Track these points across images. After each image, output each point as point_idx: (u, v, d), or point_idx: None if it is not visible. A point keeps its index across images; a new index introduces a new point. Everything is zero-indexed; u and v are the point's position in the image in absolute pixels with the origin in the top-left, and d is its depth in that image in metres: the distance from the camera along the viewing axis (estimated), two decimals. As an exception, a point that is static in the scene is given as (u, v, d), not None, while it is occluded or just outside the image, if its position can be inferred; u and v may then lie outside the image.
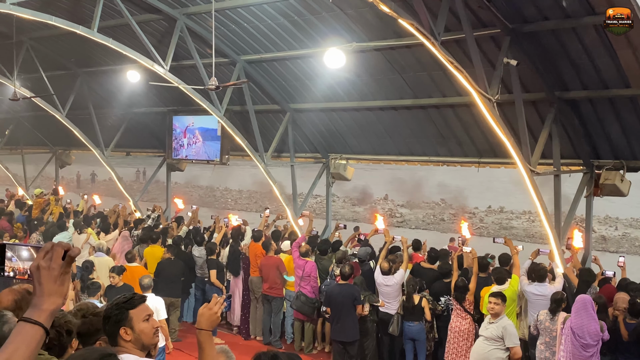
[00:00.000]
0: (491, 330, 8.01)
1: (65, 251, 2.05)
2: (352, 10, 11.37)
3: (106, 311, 3.80)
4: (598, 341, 7.82)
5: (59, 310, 4.70)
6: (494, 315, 8.08)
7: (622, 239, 30.15)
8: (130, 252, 11.59)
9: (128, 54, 13.35)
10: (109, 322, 3.73)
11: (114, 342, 3.71)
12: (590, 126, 10.74)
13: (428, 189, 40.58)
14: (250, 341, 12.12)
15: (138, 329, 3.73)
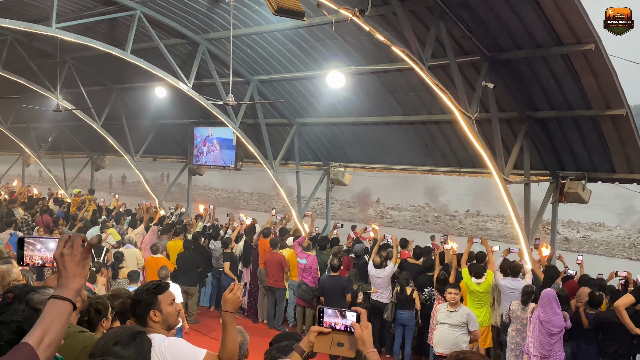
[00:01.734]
0: (455, 317, 7.96)
1: (83, 240, 2.18)
2: (352, 38, 11.40)
3: (137, 296, 3.79)
4: (561, 329, 7.82)
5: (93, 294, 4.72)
6: (454, 304, 8.05)
7: (582, 240, 30.09)
8: (155, 245, 11.60)
9: (156, 72, 13.41)
10: (139, 305, 3.74)
11: (143, 324, 3.72)
12: (556, 142, 10.73)
13: (415, 194, 40.53)
14: (258, 324, 12.11)
15: (165, 311, 3.76)
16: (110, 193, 21.46)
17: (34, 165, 27.12)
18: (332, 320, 2.74)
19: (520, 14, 8.79)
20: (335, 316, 2.74)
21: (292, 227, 14.50)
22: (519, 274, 9.27)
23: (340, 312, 2.75)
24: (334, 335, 2.73)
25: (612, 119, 9.63)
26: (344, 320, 2.72)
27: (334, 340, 2.73)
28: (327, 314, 2.75)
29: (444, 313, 8.12)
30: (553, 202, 11.14)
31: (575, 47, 8.75)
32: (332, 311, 2.76)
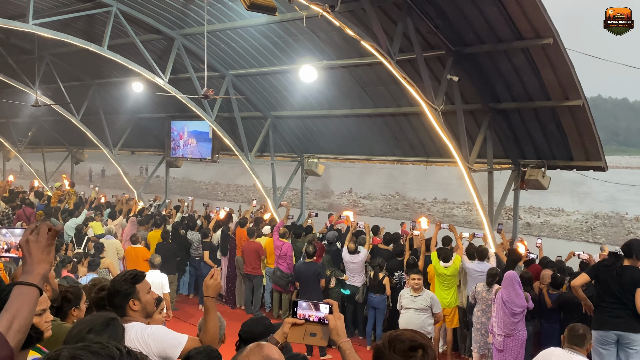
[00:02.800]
0: (420, 302, 7.98)
1: (49, 228, 2.16)
2: (323, 34, 11.35)
3: (115, 286, 3.71)
4: (523, 309, 7.91)
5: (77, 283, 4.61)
6: (417, 289, 8.03)
7: (543, 225, 30.56)
8: (135, 236, 11.45)
9: (133, 67, 13.20)
10: (118, 295, 3.67)
11: (122, 313, 3.65)
12: (517, 132, 10.85)
13: (385, 183, 40.76)
14: (236, 310, 12.06)
15: (144, 300, 3.72)
16: (90, 186, 21.11)
17: (15, 160, 26.56)
18: (306, 312, 2.76)
19: (483, 10, 8.85)
20: (310, 309, 2.76)
21: (269, 216, 14.45)
22: (485, 258, 9.36)
23: (314, 304, 2.78)
24: (307, 326, 2.75)
25: (570, 109, 9.77)
26: (318, 312, 2.75)
27: (307, 331, 2.75)
28: (301, 307, 2.77)
29: (408, 298, 8.09)
30: (515, 189, 11.28)
31: (535, 42, 8.85)
32: (307, 304, 2.78)
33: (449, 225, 10.64)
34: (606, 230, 29.09)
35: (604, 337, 6.11)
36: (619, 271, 6.32)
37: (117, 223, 14.05)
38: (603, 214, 32.59)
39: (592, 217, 32.09)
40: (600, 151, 10.24)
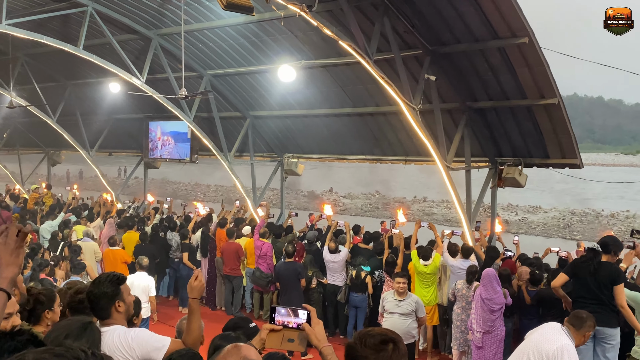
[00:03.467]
0: (405, 306, 7.75)
1: (18, 230, 2.11)
2: (301, 33, 11.34)
3: (99, 289, 3.64)
4: (501, 306, 7.99)
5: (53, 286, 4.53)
6: (402, 293, 7.76)
7: (520, 222, 30.94)
8: (113, 238, 11.34)
9: (109, 68, 13.06)
10: (104, 297, 3.62)
11: (105, 316, 3.61)
12: (494, 130, 10.95)
13: (365, 182, 40.89)
14: (216, 311, 12.01)
15: (127, 301, 3.70)
16: (67, 187, 20.84)
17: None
18: (284, 319, 2.79)
19: (459, 9, 8.91)
20: (288, 315, 2.79)
21: (249, 216, 14.40)
22: (469, 255, 9.42)
23: (293, 310, 2.80)
24: (285, 332, 2.78)
25: (546, 108, 9.87)
26: (296, 318, 2.78)
27: (284, 337, 2.77)
28: (279, 313, 2.80)
29: (393, 302, 7.82)
30: (492, 187, 11.37)
31: (511, 41, 8.93)
32: (285, 310, 2.80)
33: (428, 223, 10.70)
34: (583, 226, 29.54)
35: None
36: (596, 267, 6.41)
37: (95, 225, 13.90)
38: (579, 211, 33.09)
39: (568, 214, 32.56)
40: (576, 149, 10.37)
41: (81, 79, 17.40)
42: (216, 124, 14.47)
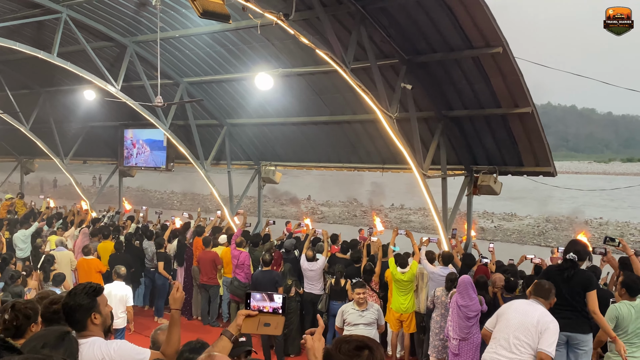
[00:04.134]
0: (368, 316, 7.51)
1: None
2: (278, 41, 11.36)
3: (75, 301, 3.56)
4: (477, 313, 8.04)
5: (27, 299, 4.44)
6: (362, 303, 7.49)
7: (496, 229, 31.25)
8: (87, 247, 11.16)
9: (84, 75, 12.92)
10: (80, 310, 3.54)
11: (82, 328, 3.55)
12: (470, 138, 11.07)
13: (343, 190, 40.98)
14: (192, 321, 11.88)
15: (104, 313, 3.64)
16: (40, 196, 20.47)
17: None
18: (260, 304, 2.81)
19: (434, 19, 9.02)
20: (264, 300, 2.81)
21: (225, 225, 14.32)
22: (449, 262, 9.46)
23: (268, 295, 2.82)
24: (261, 317, 2.80)
25: (520, 116, 10.02)
26: (272, 303, 2.80)
27: (260, 322, 2.80)
28: (255, 299, 2.81)
29: (355, 313, 7.51)
30: (468, 195, 11.48)
31: (485, 50, 9.07)
32: (260, 295, 2.82)
33: (406, 231, 10.75)
34: (557, 233, 29.94)
35: None
36: (570, 275, 6.47)
37: (69, 234, 13.68)
38: (554, 218, 33.55)
39: (543, 221, 32.99)
40: (549, 157, 10.54)
41: (55, 86, 17.20)
42: (193, 132, 14.39)
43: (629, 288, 5.90)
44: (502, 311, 5.52)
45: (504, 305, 5.52)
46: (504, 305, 5.54)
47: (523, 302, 5.51)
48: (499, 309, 5.53)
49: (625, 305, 5.84)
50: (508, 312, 5.44)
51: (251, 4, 7.91)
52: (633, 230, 30.37)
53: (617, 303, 5.96)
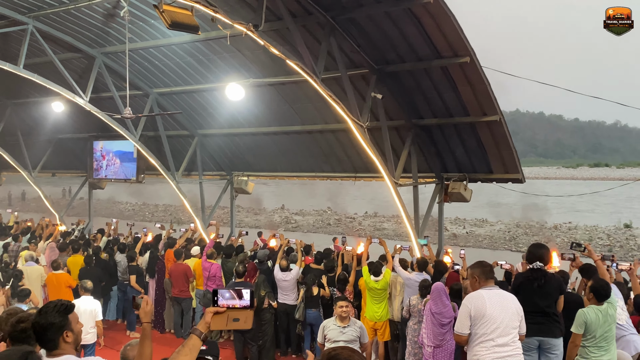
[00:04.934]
0: (349, 333, 7.16)
1: None
2: (249, 52, 11.35)
3: (46, 319, 3.46)
4: (451, 320, 8.07)
5: None
6: (345, 318, 7.12)
7: (468, 235, 31.56)
8: (56, 261, 10.92)
9: (52, 87, 12.69)
10: (52, 328, 3.44)
11: (53, 347, 3.45)
12: (440, 146, 11.19)
13: (316, 199, 40.99)
14: (165, 334, 11.71)
15: (76, 330, 3.56)
16: (7, 210, 20.05)
17: None
18: (229, 302, 2.82)
19: (403, 30, 9.12)
20: (233, 298, 2.82)
21: (198, 236, 14.18)
22: (425, 269, 9.48)
23: (237, 292, 2.83)
24: (229, 312, 2.81)
25: (488, 124, 10.18)
26: (242, 300, 2.81)
27: (229, 317, 2.80)
28: (224, 297, 2.82)
29: (336, 330, 7.15)
30: (439, 202, 11.59)
31: (453, 60, 9.20)
32: (229, 293, 2.83)
33: (379, 239, 10.78)
34: (528, 239, 30.36)
35: (526, 344, 6.31)
36: (542, 283, 6.54)
37: (39, 249, 13.39)
38: (524, 224, 34.04)
39: (514, 227, 33.44)
40: (518, 164, 10.71)
41: (23, 99, 16.90)
42: (163, 143, 14.25)
43: (597, 293, 5.99)
44: (479, 312, 5.37)
45: (474, 306, 5.39)
46: (473, 305, 5.40)
47: (491, 295, 5.39)
48: (473, 310, 5.39)
49: (593, 310, 5.93)
50: (487, 310, 5.33)
51: (220, 15, 7.89)
52: (601, 234, 30.98)
53: (585, 308, 6.05)
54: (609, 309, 5.94)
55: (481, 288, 5.44)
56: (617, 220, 33.47)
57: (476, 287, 5.51)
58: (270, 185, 36.70)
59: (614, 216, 35.25)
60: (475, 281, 5.52)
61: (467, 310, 5.37)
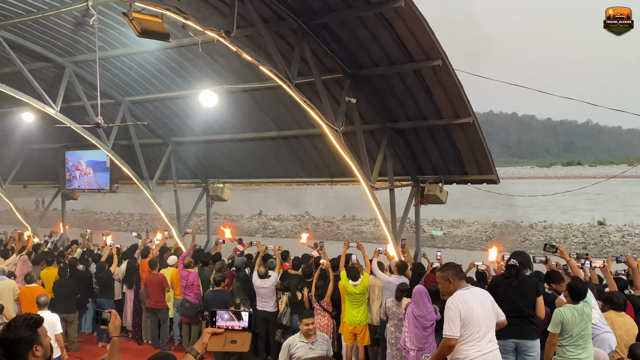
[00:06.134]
0: (318, 348, 6.72)
1: None
2: (221, 58, 11.29)
3: (15, 334, 3.35)
4: (433, 322, 8.09)
5: None
6: (312, 335, 6.70)
7: (445, 236, 31.81)
8: (29, 274, 10.71)
9: (21, 97, 12.44)
10: (21, 343, 3.34)
11: None
12: (415, 149, 11.25)
13: (294, 204, 40.93)
14: (143, 345, 11.53)
15: (45, 344, 3.47)
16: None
17: None
18: (228, 323, 2.83)
19: (375, 34, 9.16)
20: (232, 319, 2.84)
21: (174, 245, 14.04)
22: (404, 271, 9.49)
23: (236, 314, 2.84)
24: (227, 334, 2.82)
25: (461, 127, 10.26)
26: (240, 322, 2.83)
27: (227, 339, 2.82)
28: (222, 318, 2.84)
29: (304, 347, 6.68)
30: (415, 204, 11.64)
31: (425, 63, 9.26)
32: (228, 315, 2.84)
33: (357, 243, 10.78)
34: (504, 238, 30.71)
35: (503, 346, 6.34)
36: (518, 281, 6.60)
37: (10, 262, 13.11)
38: (500, 223, 34.43)
39: (490, 227, 33.79)
40: (492, 165, 10.81)
41: (-10, 109, 16.52)
42: (136, 152, 14.09)
43: (573, 293, 6.06)
44: (468, 313, 5.28)
45: (463, 308, 5.33)
46: (462, 307, 5.35)
47: (471, 296, 5.38)
48: (463, 312, 5.33)
49: (569, 309, 6.00)
50: (474, 311, 5.31)
51: (191, 21, 7.82)
52: (576, 232, 31.46)
53: (561, 307, 6.11)
54: (585, 308, 6.02)
55: (458, 289, 5.43)
56: (591, 218, 34.03)
57: (449, 289, 5.47)
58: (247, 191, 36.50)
59: (588, 214, 35.85)
60: (448, 283, 5.49)
61: (456, 312, 5.30)
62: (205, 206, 15.34)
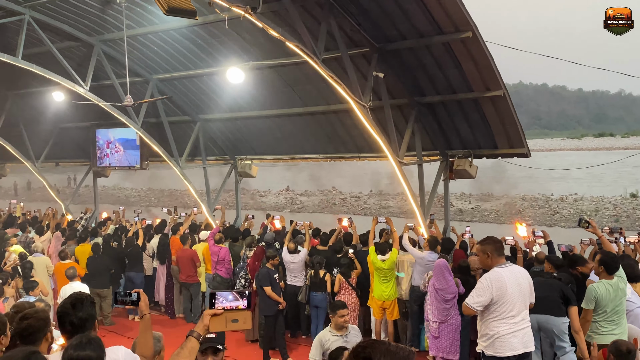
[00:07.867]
0: (352, 341, 5.95)
1: None
2: (248, 35, 11.23)
3: (87, 312, 3.57)
4: (454, 295, 8.09)
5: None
6: (344, 327, 6.18)
7: (474, 210, 31.55)
8: (64, 251, 10.99)
9: (51, 77, 12.61)
10: (90, 319, 3.56)
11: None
12: (443, 124, 11.10)
13: (321, 179, 40.98)
14: (175, 319, 11.79)
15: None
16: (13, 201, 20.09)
17: None
18: (233, 304, 2.82)
19: (403, 6, 8.98)
20: (236, 299, 2.82)
21: (204, 221, 14.20)
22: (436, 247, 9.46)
23: (240, 293, 2.84)
24: (227, 314, 2.80)
25: (492, 100, 10.07)
26: (239, 302, 2.82)
27: (227, 319, 2.81)
28: (227, 299, 2.82)
29: (339, 341, 6.06)
30: (444, 179, 11.54)
31: (455, 35, 9.06)
32: (232, 295, 2.83)
33: (386, 218, 10.73)
34: (534, 211, 30.34)
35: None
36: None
37: (45, 239, 13.43)
38: (530, 197, 33.97)
39: (520, 200, 33.38)
40: (523, 138, 10.62)
41: (23, 89, 16.80)
42: (165, 129, 14.20)
43: (607, 266, 5.97)
44: (501, 292, 5.27)
45: (496, 287, 5.29)
46: (495, 285, 5.31)
47: (508, 274, 5.35)
48: (495, 290, 5.30)
49: (603, 284, 5.92)
50: (508, 290, 5.27)
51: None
52: (607, 205, 30.90)
53: (595, 283, 6.03)
54: (620, 283, 5.93)
55: (495, 266, 5.40)
56: (623, 190, 33.33)
57: (488, 263, 5.46)
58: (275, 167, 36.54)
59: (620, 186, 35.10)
60: (487, 257, 5.46)
61: (487, 292, 5.31)
62: (234, 182, 15.44)
